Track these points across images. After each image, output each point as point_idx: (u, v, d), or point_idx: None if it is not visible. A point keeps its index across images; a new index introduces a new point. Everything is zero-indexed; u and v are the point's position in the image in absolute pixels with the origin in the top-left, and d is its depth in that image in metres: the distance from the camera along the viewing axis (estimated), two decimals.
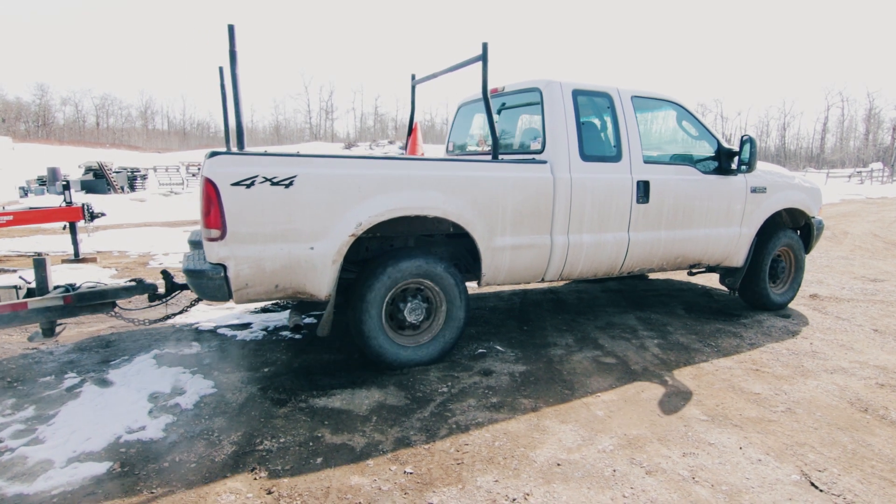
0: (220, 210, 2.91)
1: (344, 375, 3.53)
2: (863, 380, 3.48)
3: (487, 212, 3.55)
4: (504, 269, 3.76)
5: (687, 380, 3.45)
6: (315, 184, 3.09)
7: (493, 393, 3.24)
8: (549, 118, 3.89)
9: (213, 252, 2.98)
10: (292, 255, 3.09)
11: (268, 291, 3.14)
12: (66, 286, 3.61)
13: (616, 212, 4.03)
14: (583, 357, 3.85)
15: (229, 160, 2.97)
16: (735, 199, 4.60)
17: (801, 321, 4.78)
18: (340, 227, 3.15)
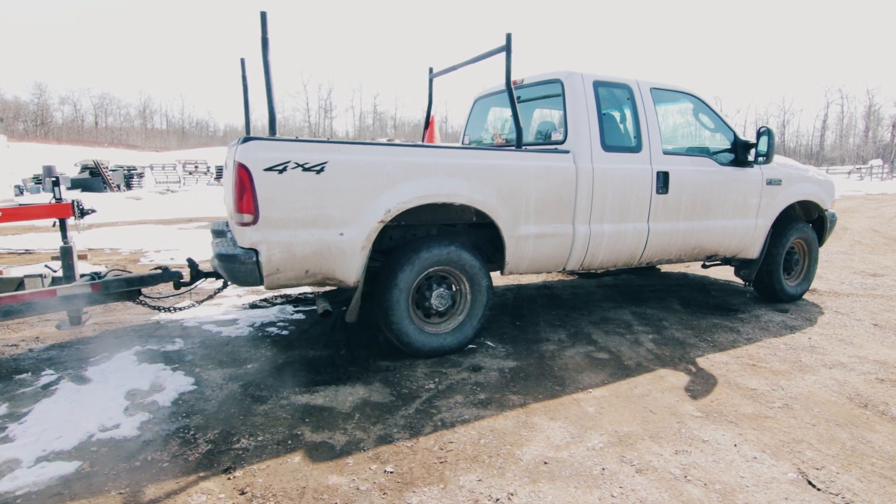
0: (253, 195, 2.93)
1: (329, 372, 3.43)
2: (862, 375, 3.38)
3: (512, 200, 3.58)
4: (527, 258, 3.77)
5: (682, 375, 3.35)
6: (346, 170, 3.12)
7: (482, 389, 3.15)
8: (571, 109, 3.92)
9: (246, 237, 3.00)
10: (322, 241, 3.11)
11: (298, 277, 3.16)
12: (91, 274, 3.63)
13: (636, 202, 4.06)
14: (575, 352, 3.75)
15: (262, 145, 2.97)
16: (751, 190, 4.62)
17: (800, 316, 4.69)
18: (369, 213, 3.18)
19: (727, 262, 4.99)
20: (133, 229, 12.04)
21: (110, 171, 22.43)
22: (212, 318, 4.56)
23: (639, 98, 4.17)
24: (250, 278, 3.06)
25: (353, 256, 3.19)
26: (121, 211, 16.54)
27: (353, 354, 3.73)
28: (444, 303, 3.61)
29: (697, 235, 4.43)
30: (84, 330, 4.31)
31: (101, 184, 20.90)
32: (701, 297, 5.32)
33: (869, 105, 69.39)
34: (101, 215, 15.97)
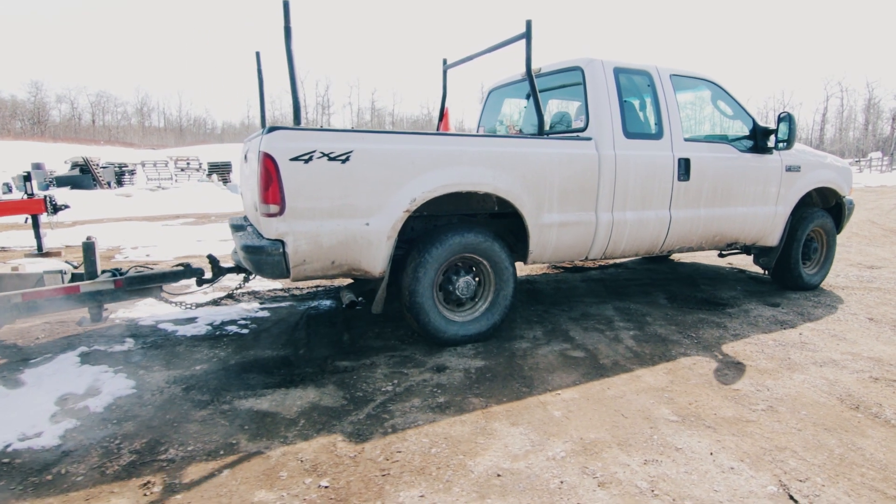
0: (280, 185, 2.89)
1: (283, 373, 3.19)
2: (855, 373, 3.14)
3: (536, 188, 3.54)
4: (551, 247, 3.74)
5: (660, 375, 3.11)
6: (371, 159, 3.07)
7: (442, 391, 2.91)
8: (592, 96, 3.87)
9: (272, 228, 2.95)
10: (348, 231, 3.07)
11: (324, 268, 3.12)
12: (112, 271, 3.62)
13: (658, 189, 4.01)
14: (549, 351, 3.51)
15: (288, 135, 2.92)
16: (771, 177, 4.58)
17: (792, 310, 4.44)
18: (395, 202, 3.14)
19: (746, 251, 4.91)
20: (117, 226, 11.79)
21: (101, 168, 22.15)
22: (170, 317, 4.32)
23: (659, 85, 4.12)
24: (277, 270, 3.00)
25: (378, 246, 3.14)
26: (109, 208, 16.30)
27: (311, 354, 3.50)
28: (469, 291, 3.58)
29: (718, 223, 4.38)
30: (32, 328, 4.07)
31: (90, 181, 20.62)
32: (689, 291, 5.07)
33: (869, 98, 68.96)
34: (88, 212, 15.74)
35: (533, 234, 3.62)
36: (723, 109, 4.59)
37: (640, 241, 4.08)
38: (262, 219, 3.01)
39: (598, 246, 3.92)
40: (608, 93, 3.86)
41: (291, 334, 3.87)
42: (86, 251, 3.50)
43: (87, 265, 3.53)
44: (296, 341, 3.72)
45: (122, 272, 3.62)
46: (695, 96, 4.67)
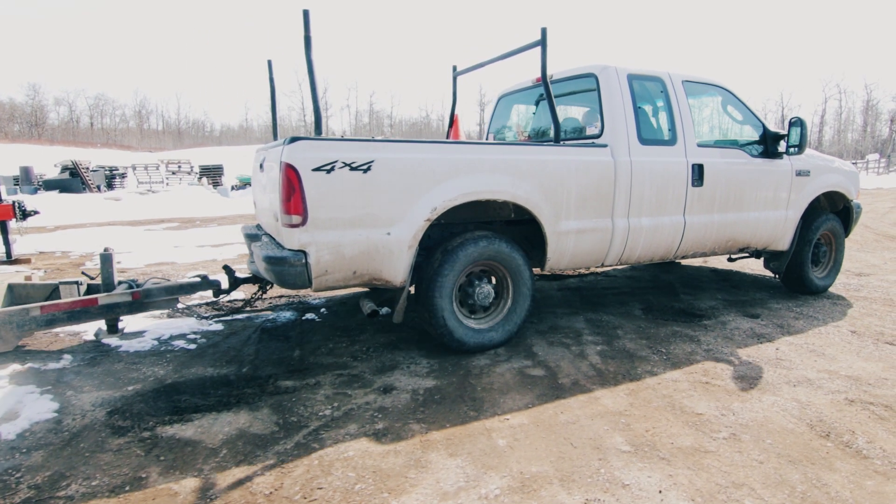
0: (302, 196, 2.88)
1: (220, 394, 2.98)
2: (830, 394, 2.93)
3: (553, 195, 3.55)
4: (568, 254, 3.73)
5: (620, 397, 2.90)
6: (392, 168, 3.07)
7: (383, 416, 2.70)
8: (607, 102, 3.88)
9: (294, 238, 2.93)
10: (370, 241, 3.06)
11: (346, 278, 3.10)
12: (129, 282, 3.59)
13: (673, 195, 4.02)
14: (507, 368, 3.30)
15: (310, 145, 2.91)
16: (782, 182, 4.60)
17: (771, 322, 4.24)
18: (416, 211, 3.13)
19: (757, 255, 4.93)
20: (98, 231, 11.59)
21: (91, 171, 21.97)
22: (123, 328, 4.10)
23: (672, 91, 4.14)
24: (299, 280, 2.98)
25: (400, 256, 3.13)
26: (96, 212, 16.11)
27: (255, 372, 3.29)
28: (488, 298, 3.56)
29: (731, 228, 4.39)
30: None
31: (80, 185, 20.44)
32: (666, 302, 4.86)
33: (867, 100, 68.79)
34: (75, 216, 15.55)
35: (551, 242, 3.61)
36: (733, 114, 4.60)
37: (656, 247, 4.08)
38: (284, 229, 2.98)
39: (614, 252, 3.91)
40: (623, 99, 3.87)
41: (240, 350, 3.67)
42: (103, 262, 3.44)
43: (104, 276, 3.46)
44: (242, 358, 3.52)
45: (140, 284, 3.56)
46: (706, 102, 4.69)
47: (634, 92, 3.94)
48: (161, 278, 3.81)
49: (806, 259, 4.90)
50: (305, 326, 4.17)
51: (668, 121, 4.13)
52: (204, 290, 3.76)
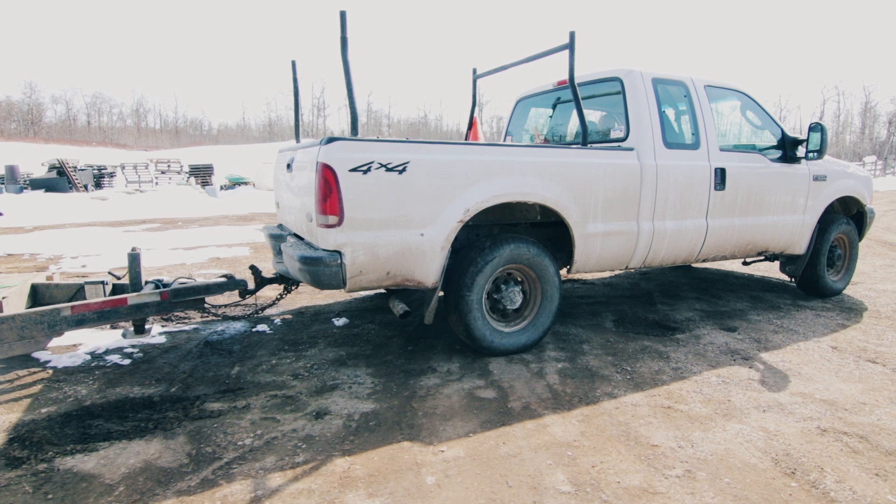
0: (339, 196, 2.87)
1: (139, 418, 2.74)
2: (801, 421, 2.69)
3: (581, 198, 3.55)
4: (594, 256, 3.74)
5: (572, 425, 2.65)
6: (427, 169, 3.06)
7: (307, 447, 2.45)
8: (633, 106, 3.90)
9: (330, 239, 2.92)
10: (404, 242, 3.04)
11: (379, 279, 3.08)
12: (155, 282, 3.58)
13: (696, 198, 4.05)
14: (457, 389, 3.05)
15: (347, 146, 2.90)
16: (799, 186, 4.65)
17: (749, 336, 3.99)
18: (449, 212, 3.12)
19: (772, 259, 4.97)
20: (76, 232, 11.32)
21: (79, 170, 21.68)
22: (52, 343, 3.85)
23: (695, 95, 4.18)
24: (334, 281, 2.96)
25: (432, 257, 3.12)
26: (79, 212, 15.84)
27: (185, 392, 3.04)
28: (516, 301, 3.55)
29: (751, 231, 4.43)
30: None
31: (66, 184, 20.15)
32: (642, 312, 4.62)
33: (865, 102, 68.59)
34: (58, 217, 15.29)
35: (578, 244, 3.61)
36: (752, 120, 4.65)
37: (679, 250, 4.09)
38: (320, 230, 2.97)
39: (639, 255, 3.92)
40: (648, 103, 3.89)
41: (176, 366, 3.42)
42: (131, 262, 3.44)
43: (131, 276, 3.45)
44: (175, 376, 3.27)
45: (167, 284, 3.54)
46: (726, 106, 4.69)
47: (659, 96, 3.96)
48: (187, 278, 3.75)
49: (822, 263, 4.95)
50: (253, 339, 3.92)
51: (691, 125, 4.16)
52: (231, 290, 3.70)
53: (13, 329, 2.87)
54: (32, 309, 2.98)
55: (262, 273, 3.95)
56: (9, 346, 2.87)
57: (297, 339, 3.91)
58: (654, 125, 3.88)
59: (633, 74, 3.93)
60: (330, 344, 3.82)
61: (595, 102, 4.48)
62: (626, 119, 3.93)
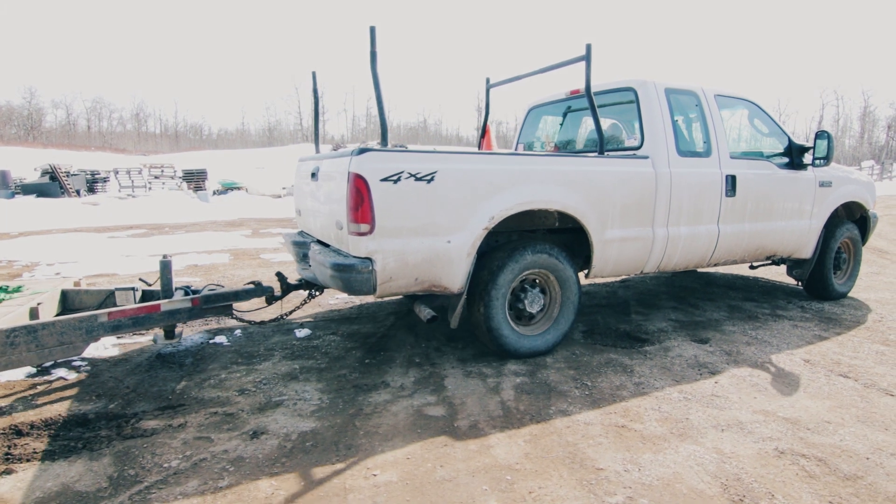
0: (370, 205, 2.95)
1: (69, 437, 2.62)
2: (759, 442, 2.56)
3: (599, 205, 3.64)
4: (611, 262, 3.83)
5: (517, 445, 2.53)
6: (454, 179, 3.15)
7: (235, 469, 2.33)
8: (647, 116, 4.00)
9: (362, 246, 3.00)
10: (432, 249, 3.13)
11: (408, 285, 3.16)
12: (184, 288, 3.64)
13: (708, 205, 4.16)
14: (406, 406, 2.93)
15: (378, 156, 2.99)
16: (806, 192, 4.76)
17: (720, 348, 3.87)
18: (475, 220, 3.21)
19: (778, 263, 5.05)
20: (60, 238, 11.22)
21: (71, 175, 21.62)
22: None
23: (706, 104, 4.29)
24: (365, 287, 3.04)
25: (459, 263, 3.21)
26: (68, 217, 15.76)
27: (124, 409, 2.92)
28: (537, 306, 3.62)
29: (761, 236, 4.54)
30: None
31: (58, 189, 20.08)
32: (614, 323, 4.49)
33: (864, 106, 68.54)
34: (47, 222, 15.19)
35: (596, 250, 3.70)
36: (759, 127, 4.77)
37: (692, 255, 4.20)
38: (351, 237, 3.05)
39: (653, 260, 4.01)
40: (662, 113, 3.99)
41: (121, 381, 3.30)
42: (162, 269, 3.49)
43: (163, 283, 3.52)
44: (118, 391, 3.15)
45: (197, 290, 3.61)
46: (734, 114, 4.80)
47: (671, 105, 4.06)
48: (216, 284, 3.84)
49: (829, 266, 5.06)
50: (208, 352, 3.81)
51: (702, 133, 4.27)
52: (258, 296, 3.75)
53: (53, 335, 2.91)
54: (72, 315, 3.02)
55: (287, 280, 4.03)
56: (49, 351, 2.91)
57: (253, 352, 3.79)
58: (667, 134, 3.98)
59: (647, 85, 4.03)
60: (286, 357, 3.70)
61: (608, 111, 4.58)
62: (641, 128, 4.03)
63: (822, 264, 5.05)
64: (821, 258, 5.03)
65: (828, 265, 5.06)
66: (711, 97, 4.34)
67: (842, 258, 5.31)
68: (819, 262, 5.04)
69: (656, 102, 4.01)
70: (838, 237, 5.09)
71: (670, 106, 4.06)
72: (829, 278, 5.10)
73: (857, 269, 5.45)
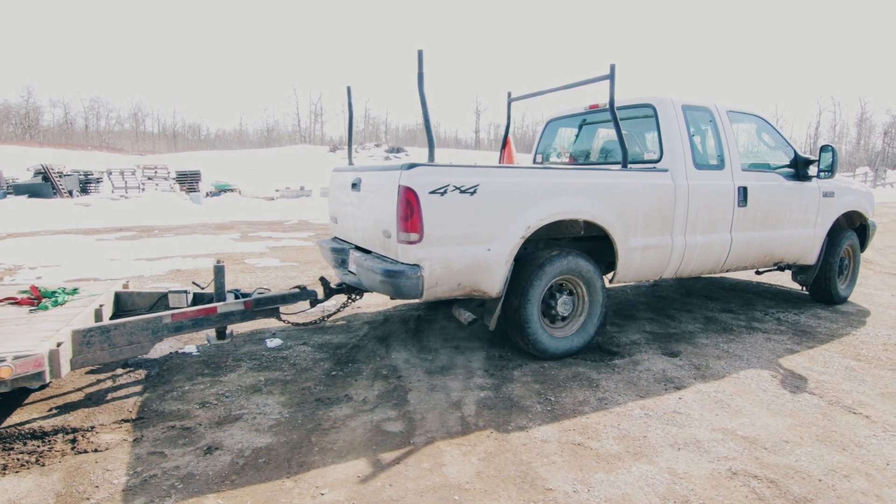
0: (420, 216, 3.17)
1: (25, 450, 2.61)
2: (714, 462, 2.56)
3: (624, 215, 3.89)
4: (634, 268, 4.08)
5: (470, 463, 2.52)
6: (495, 191, 3.39)
7: (183, 487, 2.32)
8: (665, 131, 4.25)
9: (411, 254, 3.22)
10: (474, 256, 3.36)
11: (451, 289, 3.39)
12: (234, 292, 3.83)
13: (722, 215, 4.42)
14: (366, 421, 2.92)
15: (427, 171, 3.22)
16: (811, 202, 5.04)
17: (689, 362, 3.87)
18: (513, 229, 3.45)
19: (782, 269, 5.32)
20: (47, 240, 11.18)
21: (64, 176, 21.57)
22: None
23: (719, 120, 4.55)
24: (413, 292, 3.24)
25: (497, 270, 3.44)
26: (59, 219, 15.71)
27: (82, 423, 2.91)
28: (568, 308, 3.88)
29: (769, 244, 4.80)
30: None
31: (51, 189, 20.02)
32: None
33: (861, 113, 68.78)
34: (37, 223, 15.14)
35: (621, 257, 3.94)
36: (767, 141, 5.07)
37: (706, 262, 4.46)
38: (400, 245, 3.26)
39: (672, 266, 4.27)
40: (679, 128, 4.24)
41: (83, 391, 3.28)
42: (217, 274, 3.69)
43: (217, 287, 3.70)
44: (79, 403, 3.14)
45: (247, 294, 3.80)
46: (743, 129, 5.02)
47: (688, 121, 4.30)
48: (265, 288, 4.06)
49: (834, 272, 5.35)
50: (175, 362, 3.79)
51: (716, 147, 4.51)
52: (303, 299, 3.94)
53: (124, 335, 3.05)
54: (140, 316, 3.18)
55: (329, 284, 4.22)
56: (119, 350, 3.05)
57: (221, 363, 3.78)
58: (685, 148, 4.23)
59: (666, 102, 4.28)
60: (253, 368, 3.69)
61: (625, 126, 4.76)
62: (660, 143, 4.26)
63: (829, 270, 5.32)
64: (827, 265, 5.30)
65: (834, 271, 5.33)
66: (724, 113, 4.59)
67: (844, 264, 5.56)
68: (824, 268, 5.31)
69: (674, 118, 4.25)
70: (842, 244, 5.32)
71: (686, 121, 4.29)
72: (834, 284, 5.38)
73: (856, 274, 5.72)
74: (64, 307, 3.39)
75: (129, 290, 3.93)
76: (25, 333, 2.85)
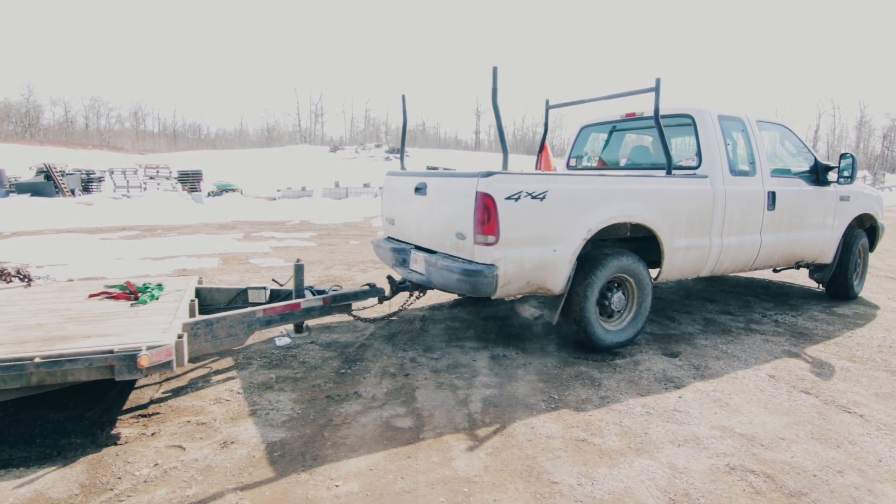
0: (497, 220, 3.42)
1: (46, 443, 2.70)
2: (713, 458, 2.65)
3: (670, 218, 4.19)
4: (677, 266, 4.40)
5: (478, 458, 2.62)
6: (561, 196, 3.66)
7: (203, 479, 2.41)
8: (704, 140, 4.55)
9: (487, 255, 3.48)
10: (542, 257, 3.63)
11: (521, 287, 3.65)
12: (309, 289, 4.06)
13: (753, 217, 4.76)
14: (376, 417, 3.02)
15: (503, 178, 3.47)
16: (829, 206, 5.42)
17: (688, 363, 3.96)
18: (576, 232, 3.73)
19: (799, 267, 5.62)
20: (52, 239, 11.26)
21: (66, 174, 21.63)
22: None
23: (750, 129, 4.86)
24: (489, 289, 3.50)
25: (562, 269, 3.72)
26: (62, 217, 15.77)
27: (100, 417, 3.00)
28: (620, 304, 4.17)
29: (793, 245, 5.17)
30: None
31: (53, 188, 20.08)
32: None
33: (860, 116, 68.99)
34: (40, 222, 15.21)
35: (667, 256, 4.25)
36: (788, 148, 5.41)
37: (739, 261, 4.80)
38: (477, 247, 3.51)
39: (709, 265, 4.60)
40: (717, 137, 4.54)
41: (100, 387, 3.37)
42: (297, 272, 3.95)
43: (296, 284, 3.96)
44: (95, 398, 3.22)
45: (322, 291, 4.04)
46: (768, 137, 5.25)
47: (723, 130, 4.59)
48: (337, 286, 4.35)
49: (851, 271, 5.73)
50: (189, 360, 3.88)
51: (748, 154, 4.83)
52: (373, 296, 4.19)
53: (224, 328, 3.24)
54: (236, 311, 3.37)
55: (396, 282, 4.42)
56: (220, 341, 3.24)
57: (233, 361, 3.86)
58: (721, 156, 4.53)
59: (703, 113, 4.57)
60: (264, 366, 3.78)
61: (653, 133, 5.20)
62: (699, 150, 4.56)
63: (846, 269, 5.70)
64: (843, 263, 5.67)
65: (850, 269, 5.71)
66: (754, 122, 4.91)
67: (856, 263, 5.90)
68: (841, 266, 5.69)
69: (712, 128, 4.53)
70: (857, 244, 5.71)
71: (722, 130, 4.58)
72: (851, 281, 5.79)
73: (866, 273, 6.14)
74: (159, 301, 3.53)
75: (210, 286, 4.13)
76: (142, 326, 2.97)
